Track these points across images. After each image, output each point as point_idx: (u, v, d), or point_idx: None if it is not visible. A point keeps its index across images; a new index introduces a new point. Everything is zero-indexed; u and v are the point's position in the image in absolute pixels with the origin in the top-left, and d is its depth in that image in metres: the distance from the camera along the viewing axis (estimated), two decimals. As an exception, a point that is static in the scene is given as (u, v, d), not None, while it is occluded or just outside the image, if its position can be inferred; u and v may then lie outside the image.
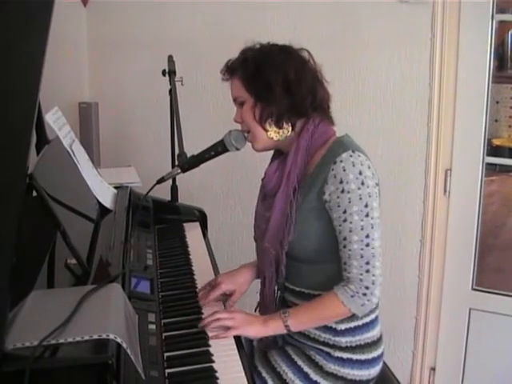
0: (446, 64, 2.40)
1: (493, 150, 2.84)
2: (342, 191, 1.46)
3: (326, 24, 2.53)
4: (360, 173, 1.46)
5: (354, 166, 1.47)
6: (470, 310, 2.54)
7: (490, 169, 2.69)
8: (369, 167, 1.49)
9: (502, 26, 3.24)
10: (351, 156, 1.48)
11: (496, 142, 3.68)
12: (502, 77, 3.84)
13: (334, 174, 1.47)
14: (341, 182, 1.46)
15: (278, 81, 1.52)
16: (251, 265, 1.76)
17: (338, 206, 1.47)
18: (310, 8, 2.54)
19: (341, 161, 1.47)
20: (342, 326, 1.57)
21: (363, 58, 2.51)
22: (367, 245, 1.47)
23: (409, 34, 2.43)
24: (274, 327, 1.52)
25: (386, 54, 2.48)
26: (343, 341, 1.58)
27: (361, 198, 1.46)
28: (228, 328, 1.49)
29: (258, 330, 1.51)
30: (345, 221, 1.47)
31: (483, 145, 2.43)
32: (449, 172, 2.48)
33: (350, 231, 1.47)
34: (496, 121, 3.97)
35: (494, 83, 2.48)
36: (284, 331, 1.53)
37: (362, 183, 1.46)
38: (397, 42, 2.45)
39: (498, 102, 3.91)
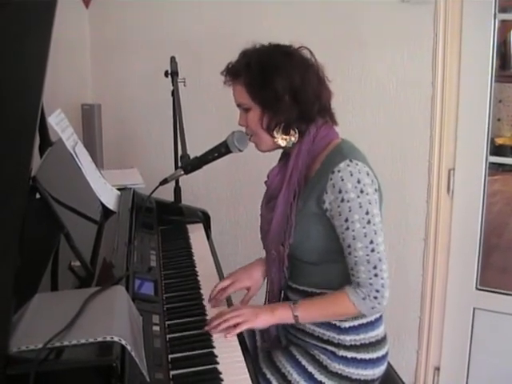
0: (448, 63, 2.39)
1: (496, 149, 2.82)
2: (342, 200, 1.46)
3: (328, 24, 2.53)
4: (358, 181, 1.46)
5: (351, 175, 1.46)
6: (474, 309, 2.54)
7: (494, 168, 2.68)
8: (367, 174, 1.49)
9: (505, 25, 3.23)
10: (349, 166, 1.47)
11: (499, 141, 3.66)
12: (504, 76, 3.82)
13: (333, 183, 1.47)
14: (340, 191, 1.46)
15: (285, 89, 1.51)
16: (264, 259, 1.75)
17: (340, 215, 1.48)
18: (311, 8, 2.53)
19: (338, 171, 1.47)
20: (346, 324, 1.57)
21: (365, 58, 2.51)
22: (372, 250, 1.47)
23: (411, 34, 2.42)
24: (281, 316, 1.52)
25: (389, 54, 2.47)
26: (347, 339, 1.58)
27: (361, 206, 1.46)
28: (236, 325, 1.48)
29: (266, 319, 1.52)
30: (347, 229, 1.47)
31: (486, 144, 2.42)
32: (452, 171, 2.47)
33: (354, 239, 1.47)
34: (499, 120, 3.96)
35: (497, 82, 2.47)
36: (291, 321, 1.53)
37: (361, 191, 1.46)
38: (399, 42, 2.45)
39: (500, 101, 3.90)
